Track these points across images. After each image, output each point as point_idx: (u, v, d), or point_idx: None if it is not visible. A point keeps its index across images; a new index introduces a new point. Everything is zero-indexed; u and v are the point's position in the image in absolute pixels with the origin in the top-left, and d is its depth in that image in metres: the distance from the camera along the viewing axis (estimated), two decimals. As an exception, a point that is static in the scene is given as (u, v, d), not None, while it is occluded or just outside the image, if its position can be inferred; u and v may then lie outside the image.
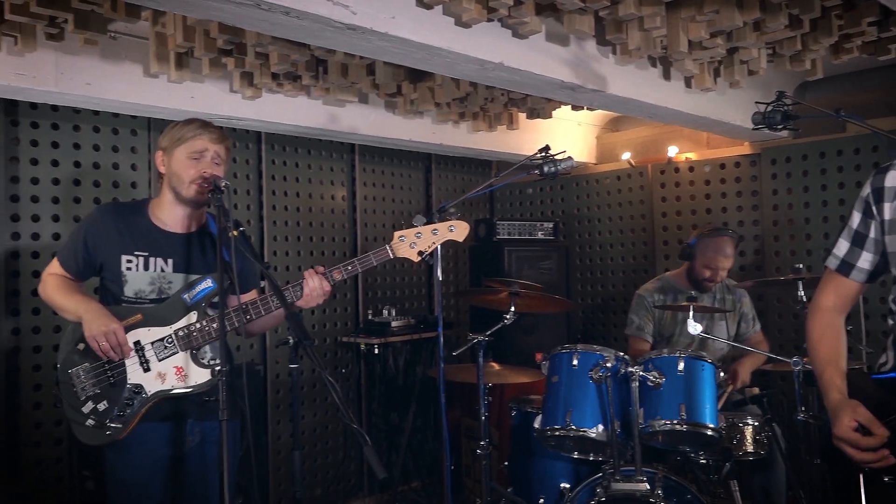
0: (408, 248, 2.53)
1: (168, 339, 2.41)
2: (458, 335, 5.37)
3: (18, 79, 3.10)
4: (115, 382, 2.39)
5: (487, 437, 3.37)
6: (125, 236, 2.47)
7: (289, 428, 4.57)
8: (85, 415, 2.37)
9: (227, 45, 3.14)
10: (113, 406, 2.37)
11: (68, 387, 2.40)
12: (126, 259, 2.45)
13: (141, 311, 2.42)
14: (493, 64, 2.94)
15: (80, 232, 2.51)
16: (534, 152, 3.10)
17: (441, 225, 2.57)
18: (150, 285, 2.47)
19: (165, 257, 2.49)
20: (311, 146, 4.84)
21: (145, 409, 2.38)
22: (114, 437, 2.36)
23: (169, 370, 2.40)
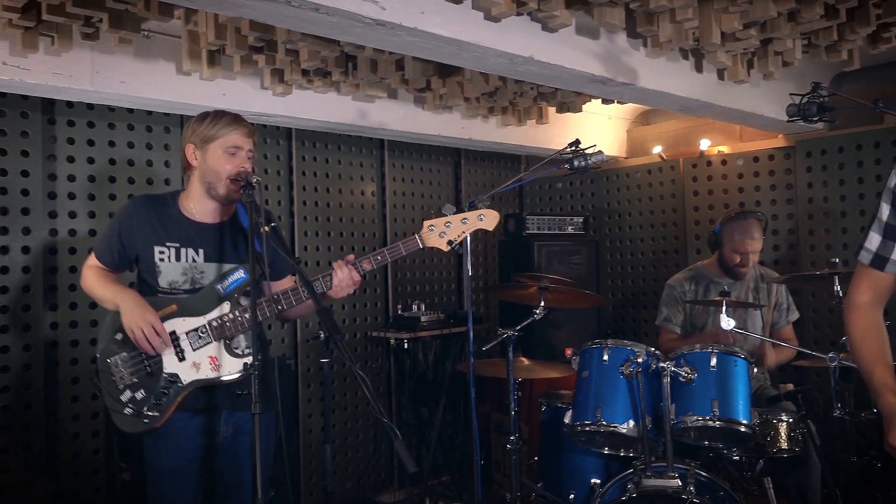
0: (437, 237, 2.53)
1: (202, 329, 2.45)
2: (487, 330, 5.38)
3: (55, 78, 3.16)
4: (152, 371, 2.44)
5: (517, 432, 3.36)
6: (157, 228, 2.51)
7: (320, 421, 4.61)
8: (123, 403, 2.43)
9: (258, 42, 3.17)
10: (150, 395, 2.42)
11: (107, 375, 2.45)
12: (159, 250, 2.50)
13: (175, 302, 2.46)
14: (522, 58, 2.92)
15: (115, 225, 2.56)
16: (563, 146, 3.08)
17: (471, 214, 2.56)
18: (183, 276, 2.50)
19: (196, 247, 2.52)
20: (341, 142, 4.87)
21: (181, 398, 2.43)
22: (151, 425, 2.41)
23: (203, 360, 2.44)
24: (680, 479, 2.90)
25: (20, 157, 3.61)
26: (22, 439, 3.57)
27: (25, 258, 3.62)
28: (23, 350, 3.60)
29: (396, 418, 4.96)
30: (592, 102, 4.57)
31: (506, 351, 3.36)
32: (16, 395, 3.57)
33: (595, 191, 5.67)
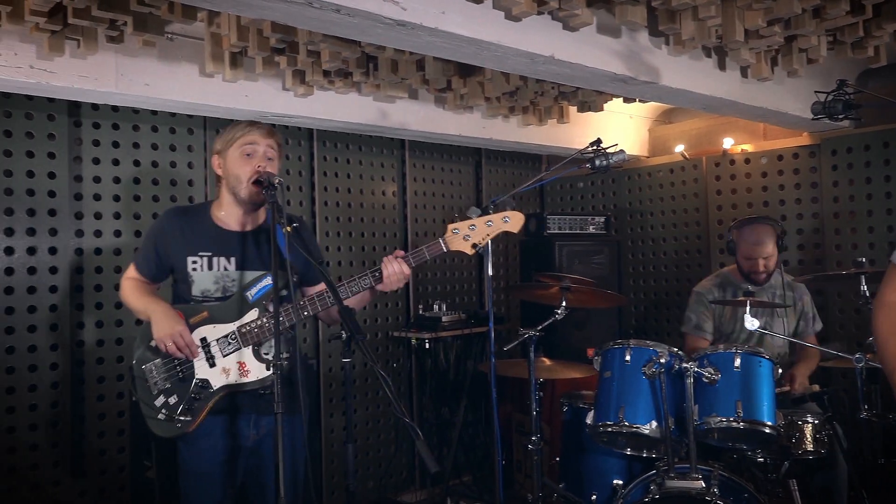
0: (461, 240, 2.52)
1: (231, 335, 2.48)
2: (508, 330, 5.36)
3: (81, 81, 3.20)
4: (184, 377, 2.48)
5: (539, 433, 3.35)
6: (189, 238, 2.55)
7: (342, 421, 4.63)
8: (157, 408, 2.47)
9: (280, 43, 3.19)
10: (182, 400, 2.46)
11: (142, 381, 2.50)
12: (191, 260, 2.54)
13: (207, 309, 2.50)
14: (543, 57, 2.91)
15: (151, 237, 2.62)
16: (585, 146, 3.07)
17: (495, 216, 2.54)
18: (215, 284, 2.54)
19: (228, 256, 2.55)
20: (362, 142, 4.88)
21: (212, 403, 2.46)
22: (184, 429, 2.45)
23: (232, 365, 2.47)
24: (703, 481, 2.87)
25: (47, 159, 3.66)
26: (50, 437, 3.62)
27: (52, 259, 3.67)
28: (50, 350, 3.65)
29: (418, 418, 4.96)
30: (614, 101, 4.54)
31: (527, 351, 3.36)
32: (43, 394, 3.62)
33: (617, 190, 5.64)
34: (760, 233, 3.68)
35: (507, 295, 5.65)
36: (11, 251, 3.57)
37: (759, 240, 3.67)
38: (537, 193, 6.02)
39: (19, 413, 3.55)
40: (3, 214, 3.55)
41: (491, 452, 4.87)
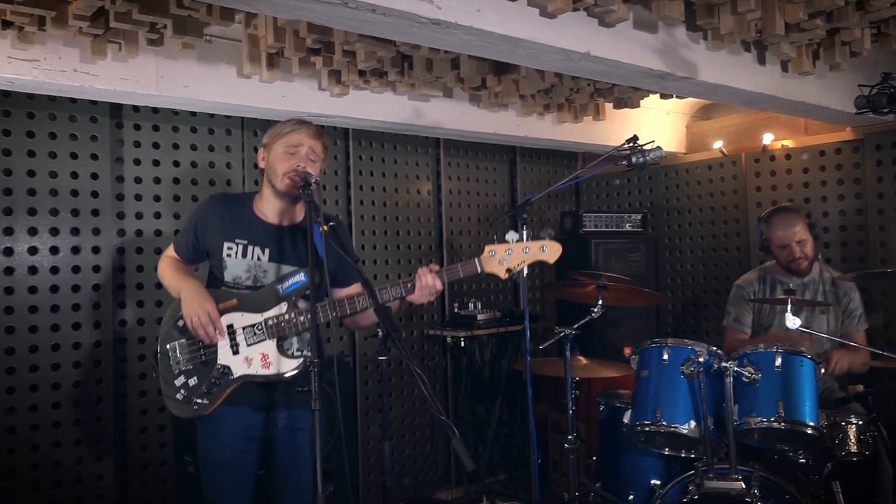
0: (497, 263, 2.50)
1: (258, 326, 2.51)
2: (543, 329, 5.34)
3: (123, 83, 3.27)
4: (207, 361, 2.52)
5: (575, 432, 3.34)
6: (228, 224, 2.60)
7: (377, 418, 4.66)
8: (177, 388, 2.52)
9: (316, 44, 3.22)
10: (202, 383, 2.50)
11: (165, 359, 2.55)
12: (227, 245, 2.58)
13: (237, 296, 2.53)
14: (579, 54, 2.89)
15: (192, 220, 2.67)
16: (621, 143, 3.05)
17: (533, 244, 2.53)
18: (247, 272, 2.57)
19: (262, 247, 2.59)
20: (397, 141, 4.90)
21: (231, 390, 2.49)
22: (200, 412, 2.49)
23: (255, 356, 2.50)
24: (743, 482, 2.83)
25: (90, 161, 3.74)
26: (93, 432, 3.71)
27: (95, 258, 3.76)
28: (94, 346, 3.73)
29: (453, 416, 4.97)
30: (650, 98, 4.50)
31: (563, 349, 3.34)
32: (87, 390, 3.70)
33: (654, 187, 5.58)
34: (788, 219, 3.64)
35: (542, 293, 5.63)
36: (56, 250, 3.66)
37: (787, 225, 3.62)
38: (573, 191, 5.99)
39: (64, 409, 3.64)
40: (49, 215, 3.64)
41: (526, 451, 4.86)
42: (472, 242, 5.26)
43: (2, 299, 3.51)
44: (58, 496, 3.60)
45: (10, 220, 3.54)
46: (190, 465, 3.46)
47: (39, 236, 3.62)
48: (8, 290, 3.53)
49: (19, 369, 3.53)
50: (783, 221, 3.65)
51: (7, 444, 3.49)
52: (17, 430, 3.51)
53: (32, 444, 3.55)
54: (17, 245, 3.56)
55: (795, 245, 3.62)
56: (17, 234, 3.56)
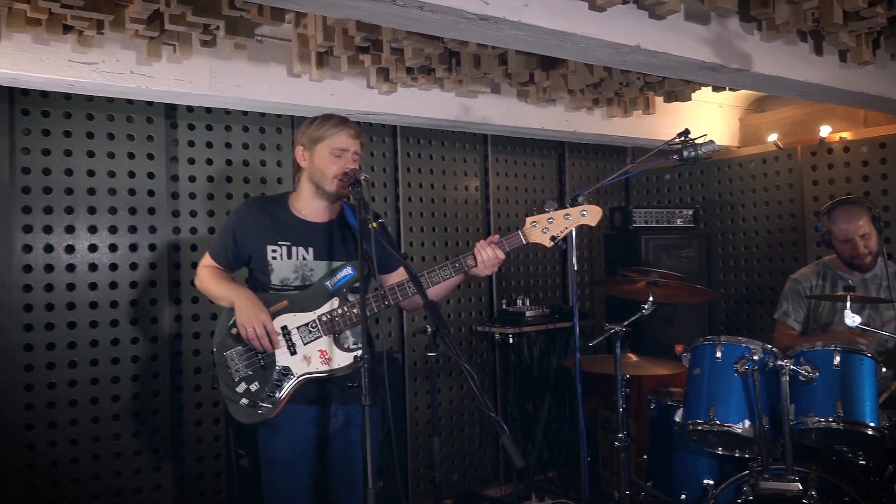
0: (540, 233, 2.53)
1: (312, 323, 2.53)
2: (593, 325, 5.30)
3: (177, 84, 3.34)
4: (265, 365, 2.54)
5: (625, 430, 3.30)
6: (269, 228, 2.62)
7: (426, 414, 4.67)
8: (239, 394, 2.54)
9: (365, 42, 3.24)
10: (264, 387, 2.53)
11: (223, 368, 2.58)
12: (271, 249, 2.60)
13: (287, 298, 2.56)
14: (628, 47, 2.85)
15: (229, 227, 2.68)
16: (672, 137, 2.99)
17: (573, 210, 2.55)
18: (294, 273, 2.60)
19: (306, 246, 2.61)
20: (445, 138, 4.91)
21: (293, 390, 2.52)
22: (265, 416, 2.51)
23: (314, 353, 2.53)
24: (800, 483, 2.76)
25: (146, 160, 3.84)
26: (150, 425, 3.80)
27: (152, 255, 3.85)
28: (150, 341, 3.83)
29: (502, 413, 4.96)
30: (702, 90, 4.41)
31: (613, 347, 3.30)
32: (144, 384, 3.80)
33: (705, 182, 5.47)
34: (851, 212, 3.51)
35: (591, 290, 5.58)
36: (115, 248, 3.76)
37: (851, 218, 3.49)
38: (622, 186, 5.91)
39: (123, 402, 3.74)
40: (108, 213, 3.74)
41: (576, 449, 4.82)
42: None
43: (64, 295, 3.62)
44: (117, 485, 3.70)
45: (72, 218, 3.65)
46: (243, 457, 3.53)
47: (99, 234, 3.72)
48: (70, 286, 3.64)
49: (80, 363, 3.64)
50: (846, 214, 3.52)
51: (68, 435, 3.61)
52: (78, 422, 3.63)
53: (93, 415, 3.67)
54: (78, 243, 3.67)
55: (859, 239, 3.49)
56: (77, 231, 3.67)
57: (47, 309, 3.58)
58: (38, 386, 3.54)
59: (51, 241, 3.60)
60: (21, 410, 3.50)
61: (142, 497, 3.76)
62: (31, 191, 3.56)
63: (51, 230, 3.60)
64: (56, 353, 3.59)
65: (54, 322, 3.60)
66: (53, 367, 3.58)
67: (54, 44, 3.05)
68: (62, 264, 3.63)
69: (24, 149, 3.54)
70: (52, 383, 3.58)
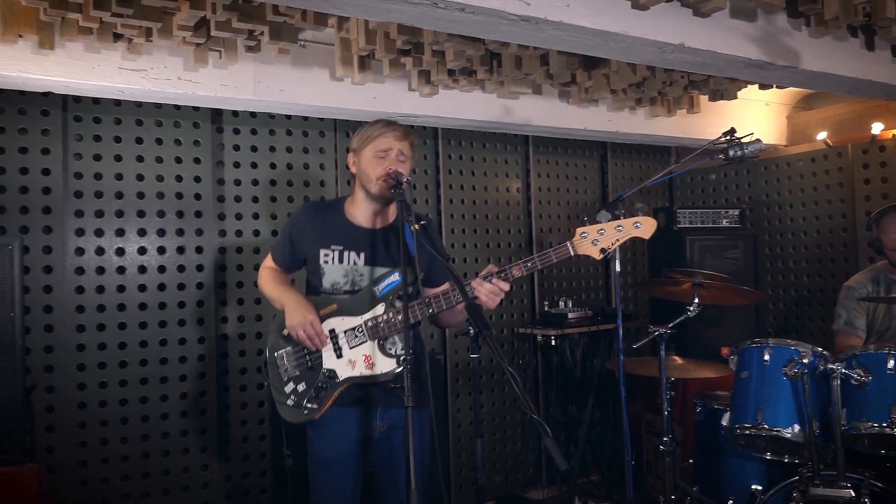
0: (590, 244, 2.45)
1: (358, 328, 2.55)
2: (636, 327, 5.24)
3: (223, 89, 3.40)
4: (313, 366, 2.58)
5: (671, 433, 3.25)
6: (323, 231, 2.65)
7: (469, 416, 4.67)
8: (286, 394, 2.59)
9: (406, 45, 3.25)
10: (310, 388, 2.56)
11: (274, 367, 2.64)
12: (324, 253, 2.64)
13: (336, 302, 2.59)
14: (672, 45, 2.81)
15: (287, 229, 2.75)
16: (717, 136, 2.95)
17: (626, 221, 2.45)
18: (344, 277, 2.63)
19: (357, 251, 2.63)
20: (486, 139, 4.90)
21: (337, 393, 2.55)
22: (310, 416, 2.55)
23: (358, 358, 2.55)
24: (853, 490, 2.69)
25: (193, 164, 3.91)
26: (198, 424, 3.87)
27: (199, 257, 3.92)
28: (198, 342, 3.90)
29: (544, 415, 4.93)
30: (749, 88, 4.34)
31: (657, 349, 3.26)
32: (192, 384, 3.87)
33: (752, 182, 5.37)
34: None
35: (635, 291, 5.51)
36: (163, 250, 3.84)
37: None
38: (666, 187, 5.83)
39: (171, 401, 3.82)
40: (156, 216, 3.82)
41: (619, 452, 4.77)
42: (562, 240, 5.19)
43: (115, 297, 3.71)
44: (166, 482, 3.78)
45: (122, 221, 3.74)
46: (289, 456, 3.56)
47: (148, 237, 3.81)
48: (120, 287, 3.73)
49: (130, 363, 3.73)
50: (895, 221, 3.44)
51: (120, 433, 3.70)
52: (129, 420, 3.72)
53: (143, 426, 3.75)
54: (127, 245, 3.76)
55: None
56: (127, 234, 3.76)
57: (99, 310, 3.68)
58: (90, 385, 3.64)
59: (102, 244, 3.70)
60: (74, 409, 3.59)
61: (189, 494, 3.84)
62: (84, 195, 3.66)
63: (102, 233, 3.70)
64: (107, 353, 3.68)
65: (105, 323, 3.69)
66: (105, 367, 3.67)
67: (105, 52, 3.13)
68: (113, 266, 3.72)
69: (77, 154, 3.64)
70: (104, 382, 3.67)
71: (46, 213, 3.56)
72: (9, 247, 2.78)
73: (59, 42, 3.00)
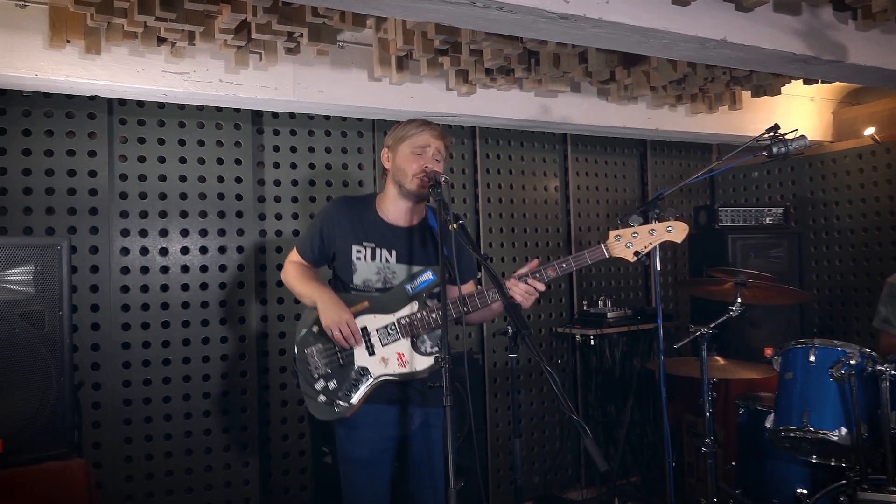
0: (623, 247, 2.51)
1: (391, 326, 2.56)
2: (677, 327, 5.18)
3: (263, 91, 3.45)
4: (344, 364, 2.58)
5: (712, 435, 3.21)
6: (355, 227, 2.66)
7: (507, 416, 4.66)
8: (317, 391, 2.58)
9: (444, 44, 3.26)
10: (341, 385, 2.57)
11: (304, 364, 2.62)
12: (356, 249, 2.64)
13: (368, 299, 2.59)
14: (714, 41, 2.78)
15: (317, 224, 2.73)
16: (760, 132, 2.90)
17: (659, 225, 2.52)
18: (376, 275, 2.63)
19: (390, 248, 2.64)
20: (524, 138, 4.89)
21: (369, 391, 2.55)
22: (341, 414, 2.55)
23: (391, 355, 2.56)
24: (902, 494, 2.63)
25: (234, 165, 3.97)
26: (239, 422, 3.93)
27: (239, 257, 3.98)
28: (239, 341, 3.95)
29: (583, 416, 4.90)
30: (793, 84, 4.26)
31: (699, 349, 3.22)
32: (233, 382, 3.93)
33: (796, 179, 5.26)
34: None
35: (675, 291, 5.45)
36: (205, 250, 3.90)
37: None
38: (707, 184, 5.75)
39: (213, 399, 3.88)
40: (198, 217, 3.89)
41: (660, 453, 4.72)
42: (600, 239, 5.15)
43: (159, 296, 3.79)
44: (208, 479, 3.84)
45: (165, 222, 3.81)
46: (327, 455, 3.60)
47: (190, 237, 3.87)
48: (163, 287, 3.80)
49: (174, 361, 3.79)
50: None
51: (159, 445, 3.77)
52: (172, 417, 3.79)
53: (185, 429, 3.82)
54: (171, 245, 3.83)
55: None
56: (170, 235, 3.82)
57: (143, 309, 3.75)
58: (135, 383, 3.71)
59: (146, 244, 3.77)
60: (120, 406, 3.67)
61: (231, 491, 3.89)
62: (128, 196, 3.73)
63: (146, 234, 3.77)
64: (151, 351, 3.75)
65: (149, 321, 3.76)
66: (149, 365, 3.74)
67: (149, 55, 3.20)
68: (157, 266, 3.79)
69: (122, 156, 3.72)
70: (148, 380, 3.74)
71: (93, 214, 3.64)
72: (57, 247, 2.85)
73: (105, 46, 3.07)
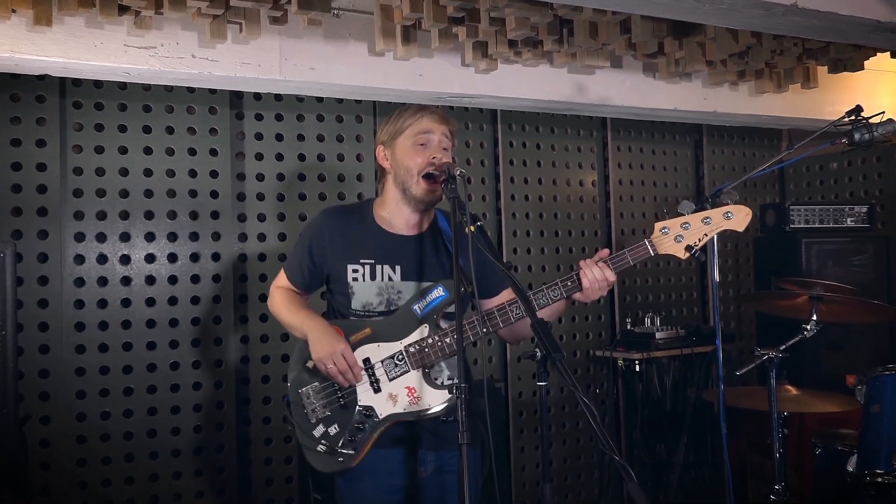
0: (672, 242, 2.45)
1: (398, 355, 2.52)
2: (740, 350, 5.19)
3: (243, 68, 3.47)
4: (346, 404, 2.54)
5: (783, 480, 3.22)
6: (350, 243, 2.62)
7: (535, 456, 4.67)
8: (316, 439, 2.55)
9: (458, 12, 3.28)
10: (344, 430, 2.53)
11: (299, 408, 2.59)
12: (352, 269, 2.60)
13: (369, 325, 2.55)
14: (783, 7, 2.79)
15: (305, 241, 2.71)
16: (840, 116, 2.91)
17: (714, 212, 2.46)
18: (378, 296, 2.59)
19: (393, 264, 2.60)
20: (555, 123, 4.90)
21: (377, 434, 2.51)
22: (346, 464, 2.52)
23: (401, 391, 2.52)
24: None
25: (209, 156, 4.00)
26: (214, 462, 3.95)
27: (216, 266, 4.01)
28: (214, 366, 3.98)
29: (627, 455, 4.90)
30: (878, 57, 4.26)
31: (766, 377, 3.24)
32: (208, 415, 3.96)
33: (884, 171, 5.25)
34: None
35: (737, 306, 5.45)
36: (175, 258, 3.94)
37: None
38: (776, 178, 5.76)
39: (184, 435, 3.90)
40: (167, 218, 3.93)
41: (720, 501, 4.71)
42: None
43: (119, 312, 3.82)
44: None
45: (127, 224, 3.85)
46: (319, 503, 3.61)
47: (157, 242, 3.91)
48: (125, 301, 3.83)
49: (137, 390, 3.82)
50: None
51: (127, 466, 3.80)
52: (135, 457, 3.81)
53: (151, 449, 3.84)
54: (134, 252, 3.87)
55: None
56: (133, 240, 3.86)
57: (101, 328, 3.79)
58: (91, 416, 3.74)
59: (105, 250, 3.81)
60: (73, 444, 3.70)
61: (205, 545, 3.92)
62: (84, 194, 3.78)
63: (104, 238, 3.81)
64: (110, 378, 3.78)
65: (108, 343, 3.79)
66: (107, 395, 3.77)
67: (109, 27, 3.23)
68: (117, 277, 3.83)
69: (76, 146, 3.76)
70: (106, 413, 3.77)
71: (42, 216, 3.68)
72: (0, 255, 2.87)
73: (57, 17, 3.10)
